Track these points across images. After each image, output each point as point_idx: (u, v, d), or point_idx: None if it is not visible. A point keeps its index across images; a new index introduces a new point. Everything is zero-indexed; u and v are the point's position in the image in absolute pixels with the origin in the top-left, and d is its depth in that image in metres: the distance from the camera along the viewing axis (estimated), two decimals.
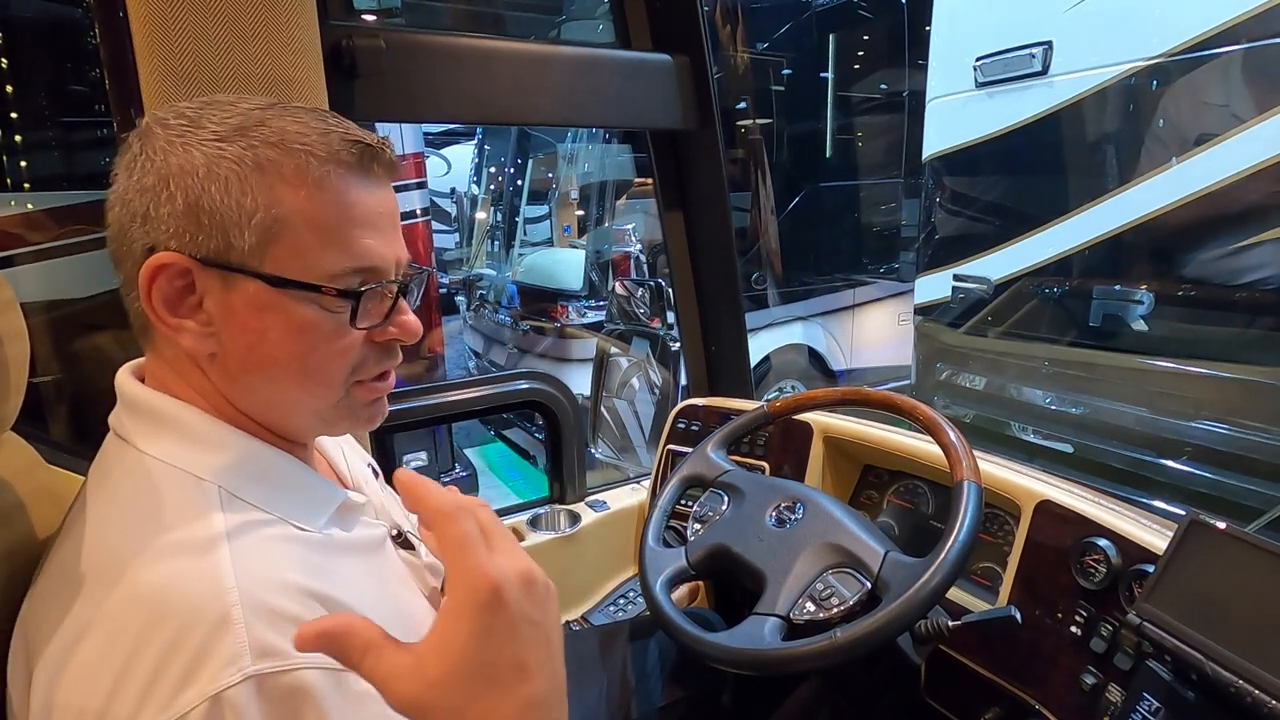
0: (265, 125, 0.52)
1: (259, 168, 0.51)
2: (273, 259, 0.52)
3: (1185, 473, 2.36)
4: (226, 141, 0.51)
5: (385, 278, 0.56)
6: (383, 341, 0.58)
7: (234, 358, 0.54)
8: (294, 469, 0.58)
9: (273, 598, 0.47)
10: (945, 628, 0.84)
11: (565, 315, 3.79)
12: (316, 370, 0.55)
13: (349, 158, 0.53)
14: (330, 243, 0.53)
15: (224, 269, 0.51)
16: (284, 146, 0.52)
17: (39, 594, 0.53)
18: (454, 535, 0.44)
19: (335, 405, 0.58)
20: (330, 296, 0.53)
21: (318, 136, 0.53)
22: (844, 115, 4.37)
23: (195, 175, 0.50)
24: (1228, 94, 2.27)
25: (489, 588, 0.43)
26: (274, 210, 0.51)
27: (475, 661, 0.42)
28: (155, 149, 0.51)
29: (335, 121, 0.55)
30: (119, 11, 0.81)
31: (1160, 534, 0.84)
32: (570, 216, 4.36)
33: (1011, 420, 2.89)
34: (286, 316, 0.53)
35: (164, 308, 0.52)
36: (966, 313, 3.05)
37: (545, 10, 4.48)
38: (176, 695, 0.44)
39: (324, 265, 0.53)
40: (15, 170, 2.24)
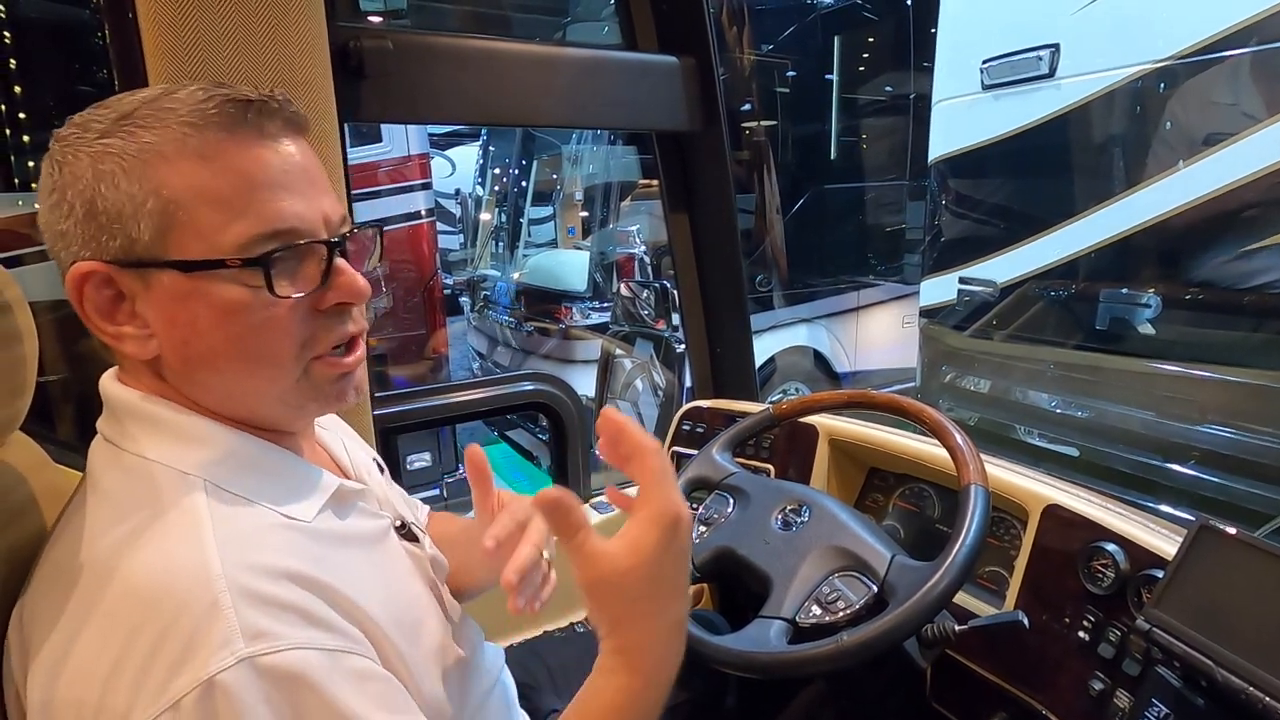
0: (142, 109, 0.50)
1: (139, 154, 0.49)
2: (176, 244, 0.49)
3: (1193, 477, 2.34)
4: (107, 136, 0.49)
5: (306, 237, 0.52)
6: (326, 309, 0.54)
7: (176, 355, 0.53)
8: (280, 458, 0.57)
9: (259, 583, 0.48)
10: (952, 632, 0.84)
11: (569, 317, 3.79)
12: (258, 352, 0.52)
13: (229, 119, 0.50)
14: (230, 213, 0.50)
15: (135, 266, 0.50)
16: (159, 126, 0.49)
17: (33, 593, 0.53)
18: (656, 467, 0.54)
19: (295, 386, 0.55)
20: (241, 269, 0.50)
21: (191, 105, 0.50)
22: (849, 117, 4.36)
23: (85, 179, 0.49)
24: (1236, 97, 2.26)
25: (677, 514, 0.54)
26: (163, 193, 0.49)
27: (656, 566, 0.53)
28: (54, 165, 0.50)
29: (220, 88, 0.51)
30: (128, 13, 0.82)
31: (1168, 539, 0.83)
32: (574, 218, 4.36)
33: (1017, 423, 2.88)
34: (208, 301, 0.50)
35: (99, 318, 0.52)
36: (972, 315, 3.04)
37: (551, 12, 4.49)
38: (169, 682, 0.44)
39: (231, 237, 0.50)
40: (23, 170, 2.25)
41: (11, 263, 1.90)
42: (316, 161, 0.56)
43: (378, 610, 0.54)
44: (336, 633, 0.50)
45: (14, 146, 2.22)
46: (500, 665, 0.77)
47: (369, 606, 0.53)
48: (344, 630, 0.51)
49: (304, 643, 0.47)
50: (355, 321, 0.57)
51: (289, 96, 0.54)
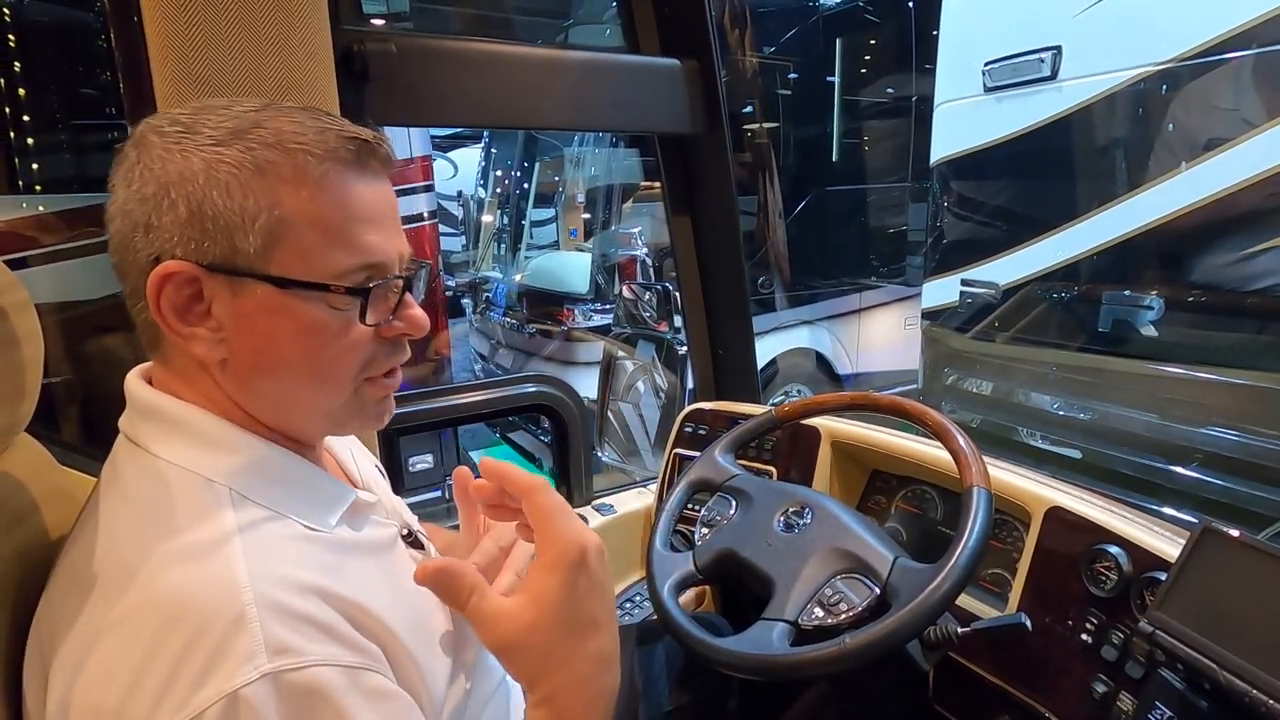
0: (261, 127, 0.52)
1: (259, 170, 0.51)
2: (278, 261, 0.52)
3: (1196, 479, 2.34)
4: (224, 145, 0.51)
5: (390, 273, 0.56)
6: (391, 337, 0.58)
7: (245, 362, 0.54)
8: (304, 470, 0.58)
9: (286, 596, 0.48)
10: (954, 634, 0.83)
11: (571, 319, 3.80)
12: (327, 369, 0.55)
13: (346, 155, 0.53)
14: (335, 241, 0.53)
15: (231, 274, 0.51)
16: (282, 147, 0.51)
17: (53, 596, 0.53)
18: (545, 504, 0.53)
19: (345, 404, 0.57)
20: (338, 295, 0.53)
21: (314, 135, 0.52)
22: (850, 119, 4.37)
23: (195, 181, 0.50)
24: (1238, 99, 2.26)
25: (578, 549, 0.52)
26: (276, 212, 0.51)
27: (563, 610, 0.52)
28: (152, 157, 0.51)
29: (329, 119, 0.55)
30: (133, 16, 0.82)
31: (1172, 541, 0.83)
32: (576, 220, 4.36)
33: (1019, 425, 2.88)
34: (295, 318, 0.53)
35: (174, 316, 0.52)
36: (974, 317, 3.04)
37: (553, 14, 4.50)
38: (193, 694, 0.44)
39: (330, 264, 0.53)
40: (27, 173, 2.26)
41: (16, 264, 1.90)
42: (396, 200, 0.59)
43: (392, 618, 0.54)
44: (356, 650, 0.50)
45: (18, 149, 2.23)
46: (504, 671, 0.77)
47: (384, 616, 0.53)
48: (363, 647, 0.51)
49: (325, 659, 0.47)
50: (406, 350, 0.61)
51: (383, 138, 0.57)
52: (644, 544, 1.50)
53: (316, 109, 0.56)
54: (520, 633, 0.51)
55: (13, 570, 0.57)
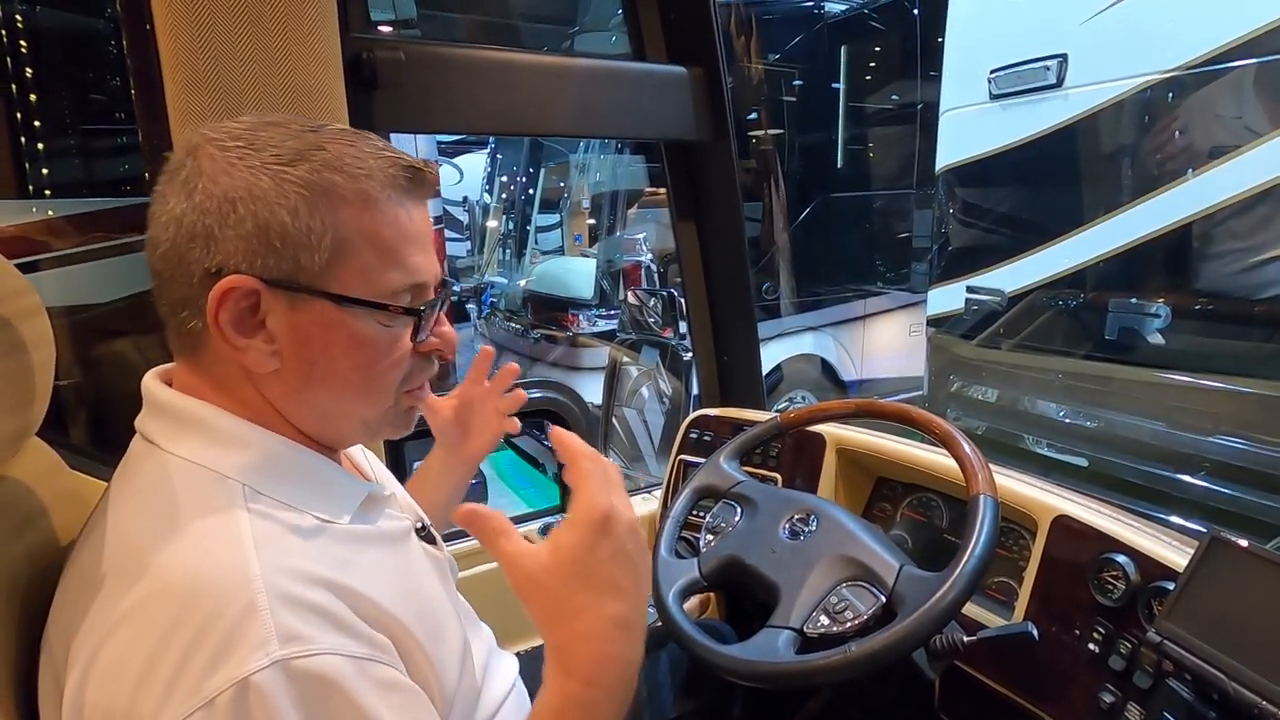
0: (324, 149, 0.54)
1: (325, 192, 0.53)
2: (338, 279, 0.54)
3: (1204, 488, 2.32)
4: (290, 165, 0.53)
5: (431, 292, 0.59)
6: (426, 352, 0.61)
7: (296, 373, 0.56)
8: (318, 464, 0.59)
9: (296, 587, 0.49)
10: (961, 643, 0.83)
11: (576, 324, 3.80)
12: (375, 382, 0.58)
13: (406, 183, 0.57)
14: (390, 261, 0.56)
15: (293, 290, 0.53)
16: (346, 171, 0.54)
17: (65, 596, 0.54)
18: (585, 470, 0.57)
19: (385, 413, 0.61)
20: (394, 313, 0.56)
21: (375, 161, 0.55)
22: (856, 126, 4.37)
23: (265, 199, 0.52)
24: (1244, 107, 2.25)
25: (602, 513, 0.55)
26: (340, 232, 0.53)
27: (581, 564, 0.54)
28: (217, 170, 0.52)
29: (382, 145, 0.57)
30: (145, 24, 0.83)
31: (1179, 551, 0.83)
32: (581, 225, 4.38)
33: (1025, 433, 2.87)
34: (350, 333, 0.55)
35: (231, 328, 0.53)
36: (979, 325, 3.03)
37: (559, 21, 4.52)
38: (204, 680, 0.45)
39: (386, 283, 0.56)
40: (38, 177, 2.28)
41: (27, 268, 1.92)
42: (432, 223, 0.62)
43: (403, 611, 0.55)
44: (364, 641, 0.51)
45: (29, 153, 2.25)
46: (514, 673, 0.77)
47: (395, 608, 0.54)
48: (371, 639, 0.51)
49: (334, 648, 0.48)
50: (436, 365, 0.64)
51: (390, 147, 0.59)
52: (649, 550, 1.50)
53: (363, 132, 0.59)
54: (538, 572, 0.54)
55: (23, 572, 0.57)
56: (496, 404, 0.92)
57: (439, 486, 0.91)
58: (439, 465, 0.92)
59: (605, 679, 0.55)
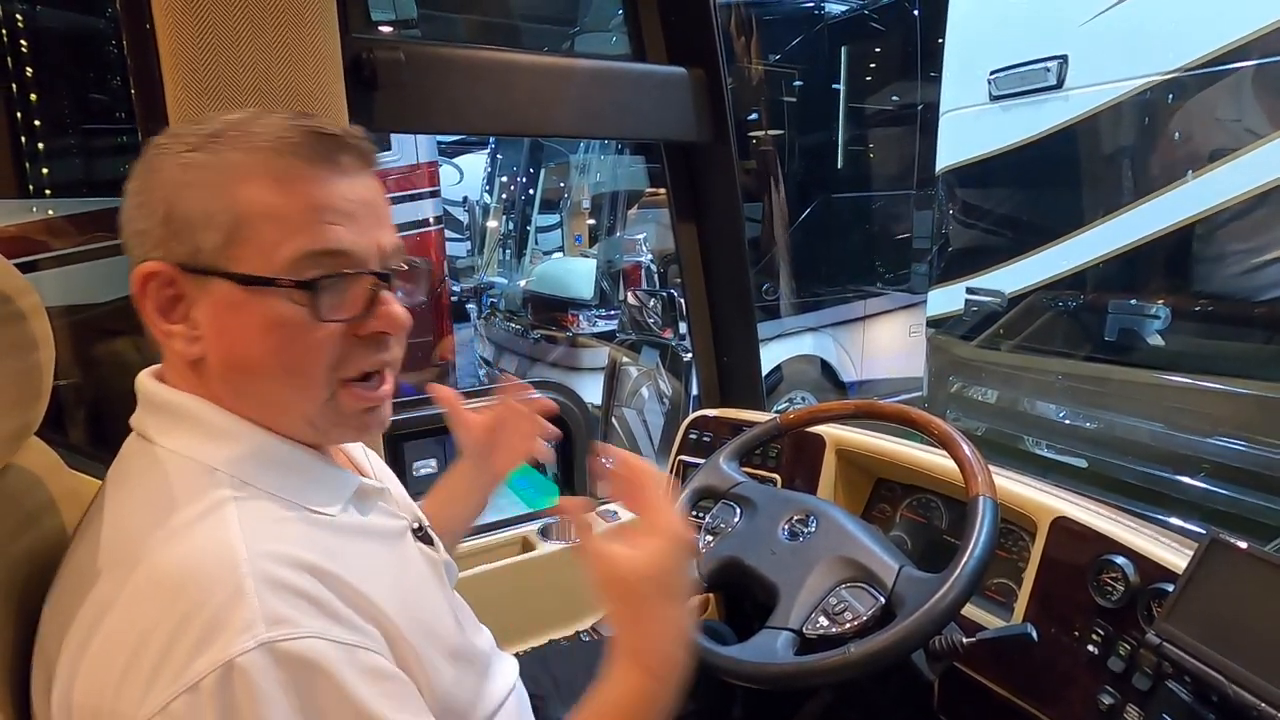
0: (234, 129, 0.53)
1: (222, 170, 0.52)
2: (239, 258, 0.52)
3: (1203, 490, 2.32)
4: (198, 150, 0.53)
5: (357, 266, 0.55)
6: (367, 335, 0.56)
7: (220, 359, 0.55)
8: (307, 458, 0.59)
9: (282, 571, 0.49)
10: (960, 644, 0.83)
11: (576, 324, 3.80)
12: (294, 367, 0.55)
13: (310, 151, 0.54)
14: (290, 233, 0.53)
15: (197, 273, 0.53)
16: (247, 147, 0.53)
17: (58, 592, 0.54)
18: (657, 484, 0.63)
19: (323, 408, 0.56)
20: (289, 289, 0.52)
21: (279, 133, 0.53)
22: (856, 127, 4.37)
23: (169, 186, 0.53)
24: (1245, 109, 2.25)
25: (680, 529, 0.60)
26: (236, 209, 0.52)
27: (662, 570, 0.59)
28: (146, 168, 0.54)
29: (307, 119, 0.55)
30: (145, 23, 0.83)
31: (1179, 552, 0.83)
32: (581, 226, 4.37)
33: (1025, 434, 2.87)
34: (260, 314, 0.53)
35: (156, 315, 0.54)
36: (979, 326, 3.03)
37: (560, 22, 4.52)
38: (189, 664, 0.45)
39: (283, 255, 0.52)
40: (38, 177, 2.28)
41: (26, 268, 1.92)
42: (381, 196, 0.59)
43: (394, 606, 0.55)
44: (351, 628, 0.51)
45: (29, 153, 2.25)
46: (515, 675, 0.77)
47: (385, 603, 0.54)
48: (359, 627, 0.51)
49: (319, 632, 0.48)
50: (390, 350, 0.59)
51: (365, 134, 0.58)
52: None
53: (308, 113, 0.57)
54: (634, 574, 0.59)
55: (23, 571, 0.57)
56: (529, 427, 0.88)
57: (464, 501, 0.89)
58: (465, 480, 0.89)
59: (673, 680, 0.60)
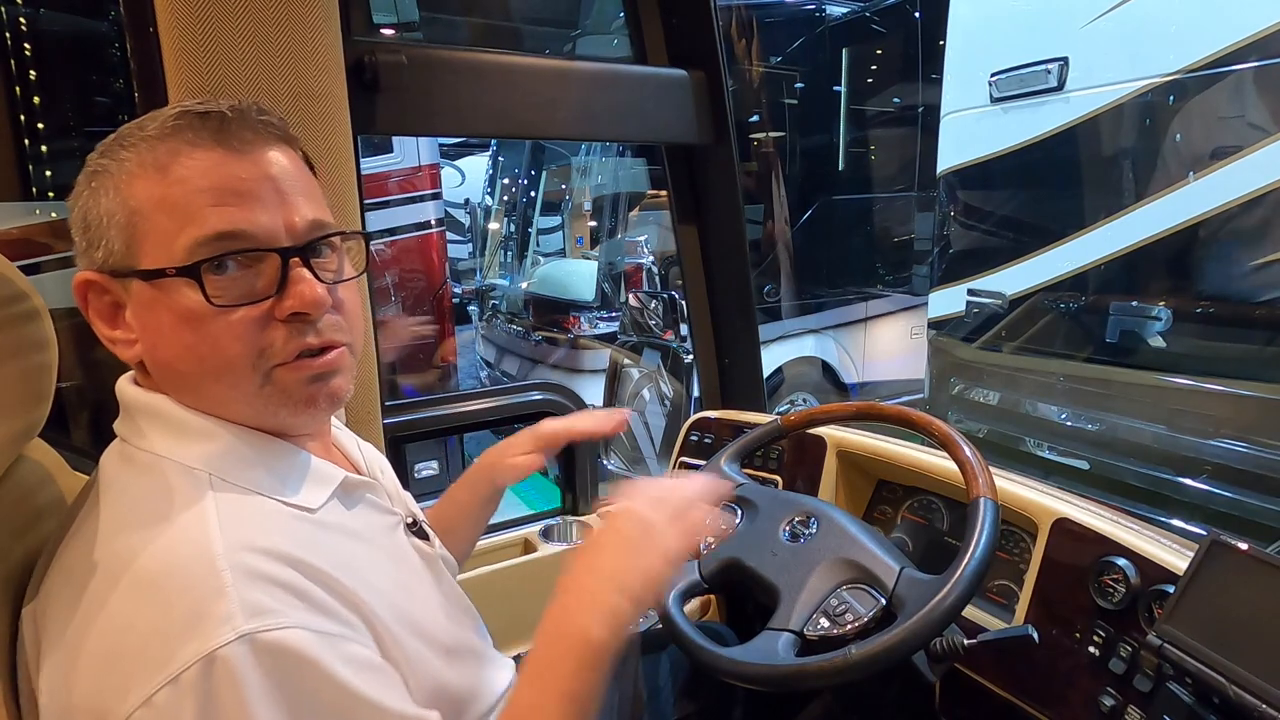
0: (128, 129, 0.53)
1: (112, 171, 0.53)
2: (142, 254, 0.52)
3: (1204, 491, 2.32)
4: (102, 156, 0.53)
5: (259, 245, 0.52)
6: (286, 318, 0.53)
7: (154, 360, 0.55)
8: (283, 452, 0.58)
9: (260, 563, 0.49)
10: (961, 646, 0.83)
11: (577, 326, 3.81)
12: (211, 359, 0.52)
13: (193, 134, 0.51)
14: (182, 222, 0.51)
15: (116, 275, 0.53)
16: (130, 142, 0.53)
17: (45, 595, 0.54)
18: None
19: (260, 393, 0.54)
20: (176, 277, 0.50)
21: (161, 122, 0.52)
22: (857, 129, 4.37)
23: (82, 196, 0.54)
24: (1246, 110, 2.25)
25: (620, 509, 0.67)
26: (130, 204, 0.52)
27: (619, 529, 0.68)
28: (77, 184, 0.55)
29: (197, 103, 0.53)
30: (149, 27, 0.83)
31: (1180, 554, 0.83)
32: (583, 228, 4.38)
33: (1026, 436, 2.87)
34: (168, 309, 0.52)
35: (100, 321, 0.55)
36: (981, 327, 3.03)
37: (561, 25, 4.53)
38: (170, 658, 0.45)
39: (178, 245, 0.51)
40: (41, 179, 2.28)
41: (30, 270, 1.92)
42: (293, 170, 0.55)
43: (379, 601, 0.55)
44: (334, 619, 0.50)
45: (32, 156, 2.26)
46: (511, 675, 0.77)
47: (370, 597, 0.54)
48: (342, 617, 0.51)
49: (301, 623, 0.48)
50: (320, 333, 0.55)
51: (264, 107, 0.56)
52: None
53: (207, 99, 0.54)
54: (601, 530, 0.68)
55: (25, 572, 0.57)
56: None
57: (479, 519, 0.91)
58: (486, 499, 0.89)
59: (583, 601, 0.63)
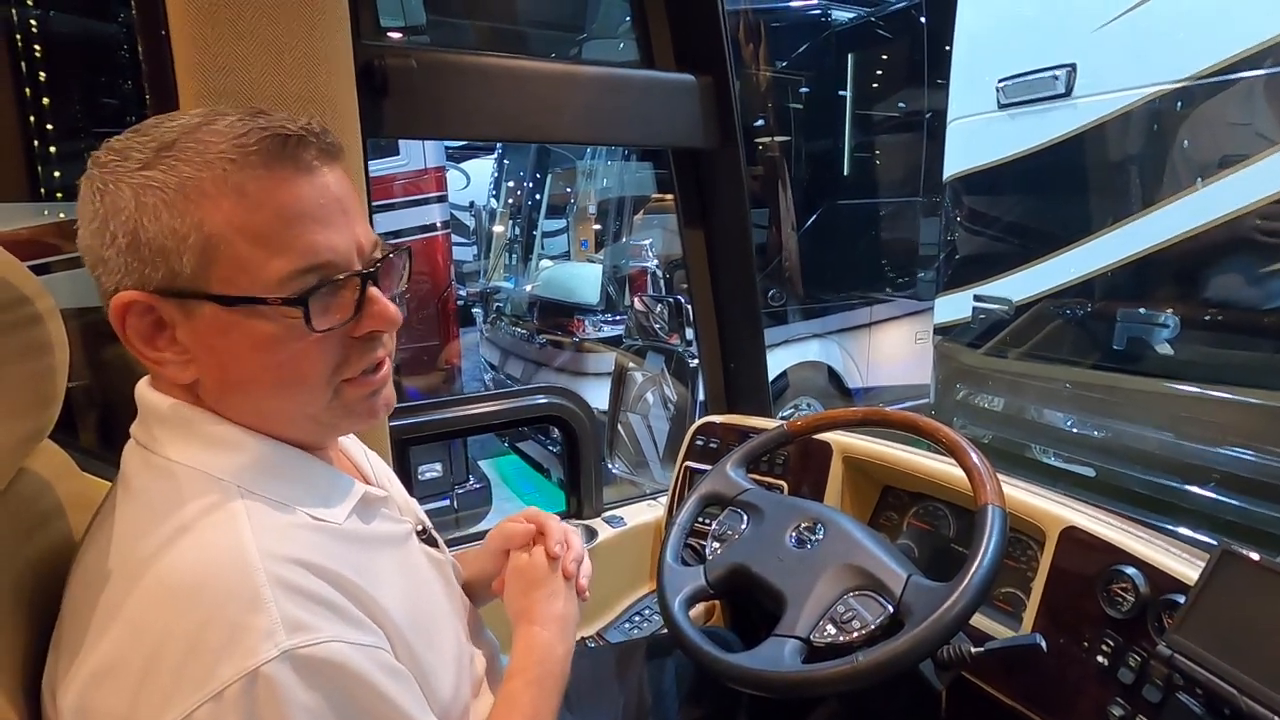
0: (183, 140, 0.50)
1: (181, 189, 0.49)
2: (218, 279, 0.50)
3: (1213, 500, 2.31)
4: (149, 168, 0.50)
5: (342, 270, 0.53)
6: (360, 336, 0.56)
7: (214, 379, 0.54)
8: (309, 465, 0.59)
9: (296, 576, 0.49)
10: (968, 654, 0.82)
11: (582, 329, 3.81)
12: (292, 378, 0.54)
13: (270, 155, 0.50)
14: (270, 249, 0.50)
15: (178, 297, 0.51)
16: (200, 160, 0.49)
17: (68, 599, 0.54)
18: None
19: (327, 407, 0.56)
20: (279, 306, 0.51)
21: (232, 141, 0.50)
22: (863, 134, 4.37)
23: (128, 210, 0.49)
24: (1254, 117, 2.24)
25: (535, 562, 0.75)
26: (205, 228, 0.49)
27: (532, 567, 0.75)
28: (95, 192, 0.51)
29: (260, 119, 0.52)
30: (160, 30, 0.84)
31: (1189, 563, 0.82)
32: (588, 231, 4.38)
33: (1032, 442, 2.85)
34: (247, 333, 0.52)
35: (141, 343, 0.53)
36: (987, 333, 3.02)
37: (568, 28, 4.54)
38: (211, 673, 0.45)
39: (268, 274, 0.51)
40: (50, 180, 2.30)
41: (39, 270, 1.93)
42: (350, 189, 0.56)
43: (397, 610, 0.56)
44: (364, 630, 0.52)
45: (41, 157, 2.27)
46: None
47: (389, 607, 0.55)
48: (369, 628, 0.52)
49: (338, 636, 0.49)
50: (384, 345, 0.59)
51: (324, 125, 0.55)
52: (654, 557, 1.50)
53: (260, 109, 0.53)
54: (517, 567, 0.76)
55: (35, 575, 0.57)
56: None
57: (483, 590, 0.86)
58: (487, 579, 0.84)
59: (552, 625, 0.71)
